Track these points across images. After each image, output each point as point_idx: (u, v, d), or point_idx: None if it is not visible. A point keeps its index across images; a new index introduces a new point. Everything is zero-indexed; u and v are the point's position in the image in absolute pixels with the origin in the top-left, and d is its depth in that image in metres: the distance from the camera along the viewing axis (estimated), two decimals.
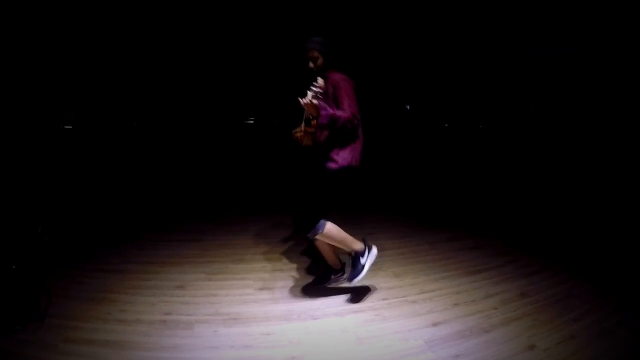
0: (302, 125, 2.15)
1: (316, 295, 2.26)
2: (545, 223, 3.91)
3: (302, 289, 2.33)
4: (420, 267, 2.71)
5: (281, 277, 2.51)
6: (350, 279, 2.09)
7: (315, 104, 1.89)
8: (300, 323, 1.97)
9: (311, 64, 2.12)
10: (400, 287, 2.39)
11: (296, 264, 2.72)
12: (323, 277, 2.38)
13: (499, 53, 6.84)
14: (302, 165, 2.38)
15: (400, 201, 4.88)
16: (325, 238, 2.07)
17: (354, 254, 2.14)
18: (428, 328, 1.94)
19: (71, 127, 6.44)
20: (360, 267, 2.09)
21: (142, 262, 2.66)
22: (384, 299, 2.24)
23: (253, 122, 7.93)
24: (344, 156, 2.08)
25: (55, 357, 1.63)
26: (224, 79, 7.36)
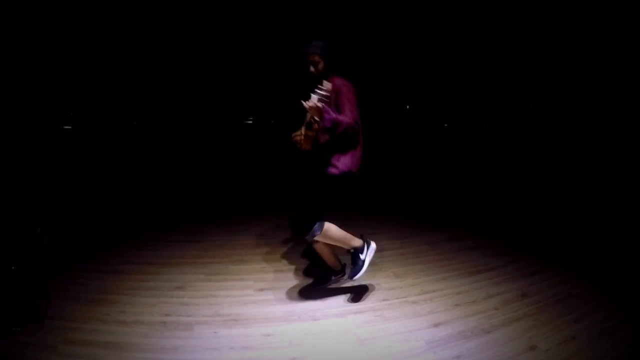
0: (302, 128, 2.11)
1: (317, 296, 2.25)
2: (545, 223, 3.91)
3: (302, 289, 2.33)
4: (421, 267, 2.71)
5: (281, 278, 2.50)
6: (351, 276, 2.09)
7: (320, 107, 1.86)
8: (301, 324, 1.97)
9: (312, 68, 2.10)
10: (401, 288, 2.38)
11: (296, 264, 2.71)
12: (324, 278, 2.37)
13: (499, 53, 6.84)
14: (300, 167, 2.36)
15: (401, 201, 4.88)
16: (324, 238, 2.06)
17: (353, 251, 2.14)
18: (429, 329, 1.93)
19: (70, 127, 6.43)
20: (360, 263, 2.09)
21: (141, 263, 2.65)
22: (384, 299, 2.23)
23: (252, 122, 7.92)
24: (344, 162, 2.07)
25: (54, 359, 1.62)
26: (223, 79, 7.35)
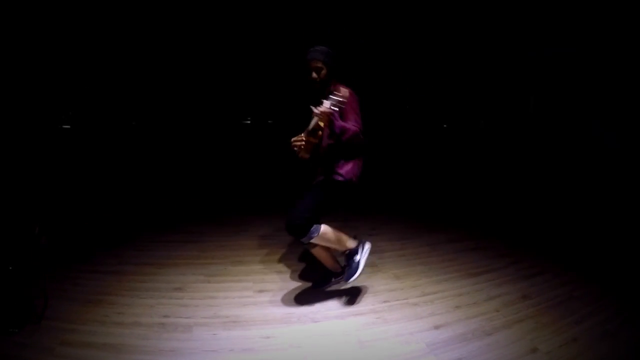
0: (303, 134, 1.99)
1: (317, 298, 2.23)
2: (546, 224, 3.90)
3: (302, 291, 2.31)
4: (421, 269, 2.69)
5: (281, 279, 2.49)
6: (346, 278, 2.07)
7: (331, 114, 1.80)
8: (301, 326, 1.95)
9: (314, 74, 2.04)
10: (402, 290, 2.37)
11: (296, 266, 2.69)
12: (323, 280, 2.36)
13: (498, 53, 6.84)
14: (300, 171, 2.34)
15: (401, 202, 4.87)
16: (321, 241, 2.03)
17: (347, 253, 2.12)
18: (430, 331, 1.92)
19: (69, 126, 6.40)
20: (355, 264, 2.07)
21: (139, 264, 2.64)
22: (385, 301, 2.22)
23: (250, 123, 7.90)
24: (347, 169, 2.08)
25: None
26: (222, 79, 7.34)
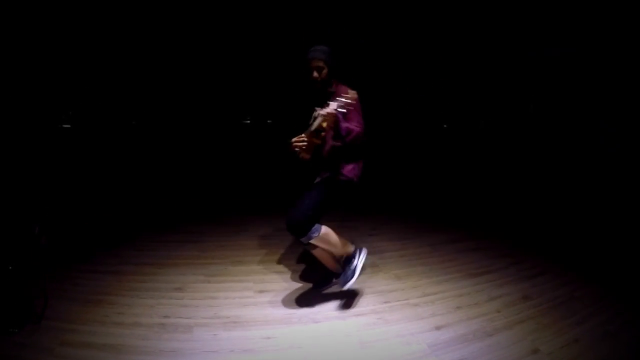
0: (305, 135, 1.94)
1: (317, 298, 2.23)
2: (547, 224, 3.90)
3: (303, 292, 2.30)
4: (422, 269, 2.69)
5: (282, 279, 2.48)
6: (342, 283, 2.06)
7: (337, 115, 1.78)
8: (302, 327, 1.95)
9: (315, 74, 2.03)
10: (402, 290, 2.37)
11: (297, 266, 2.69)
12: (324, 281, 2.35)
13: (498, 53, 6.84)
14: (301, 170, 2.33)
15: (401, 202, 4.86)
16: (321, 242, 2.02)
17: (345, 258, 2.11)
18: (431, 332, 1.92)
19: (69, 126, 6.39)
20: (352, 270, 2.06)
21: (139, 264, 2.63)
22: (386, 301, 2.21)
23: (249, 123, 7.89)
24: (348, 169, 2.09)
25: None
26: (222, 79, 7.33)
